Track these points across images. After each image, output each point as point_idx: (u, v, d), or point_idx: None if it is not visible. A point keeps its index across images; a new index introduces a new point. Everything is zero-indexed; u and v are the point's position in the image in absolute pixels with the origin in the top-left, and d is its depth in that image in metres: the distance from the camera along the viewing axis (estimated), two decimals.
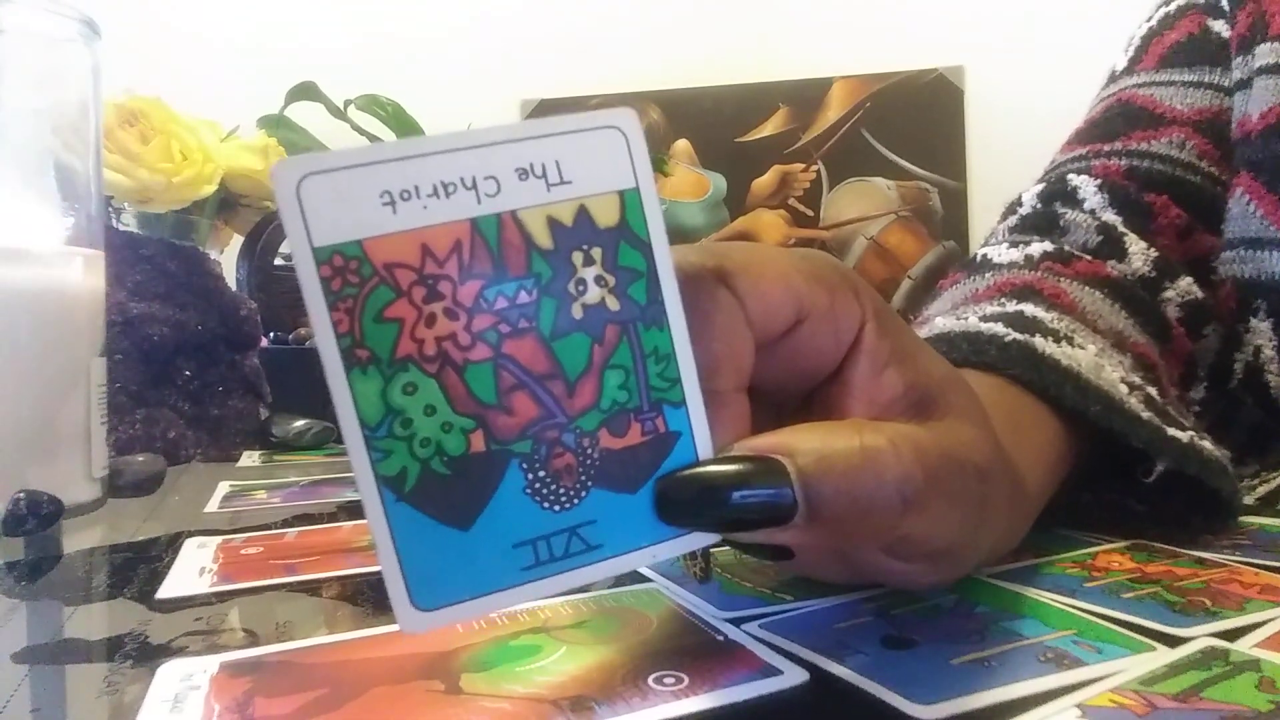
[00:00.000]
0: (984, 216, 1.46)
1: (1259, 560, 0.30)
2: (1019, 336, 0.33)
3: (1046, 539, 0.34)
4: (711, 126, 1.53)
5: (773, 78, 1.55)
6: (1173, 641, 0.23)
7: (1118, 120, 0.51)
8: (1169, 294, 0.46)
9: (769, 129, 1.52)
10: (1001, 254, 0.45)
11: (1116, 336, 0.41)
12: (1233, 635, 0.23)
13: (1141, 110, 0.51)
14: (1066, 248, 0.45)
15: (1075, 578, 0.29)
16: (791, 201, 1.50)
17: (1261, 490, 0.45)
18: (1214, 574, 0.29)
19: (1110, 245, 0.46)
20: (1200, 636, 0.23)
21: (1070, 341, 0.36)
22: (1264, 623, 0.24)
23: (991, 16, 1.50)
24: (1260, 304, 0.46)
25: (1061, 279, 0.44)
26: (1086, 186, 0.48)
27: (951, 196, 1.45)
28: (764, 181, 1.51)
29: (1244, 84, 0.48)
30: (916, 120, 1.47)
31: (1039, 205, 0.49)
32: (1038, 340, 0.34)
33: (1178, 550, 0.32)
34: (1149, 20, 0.55)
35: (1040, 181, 0.51)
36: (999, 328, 0.34)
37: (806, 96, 1.51)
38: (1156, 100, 0.51)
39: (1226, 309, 0.48)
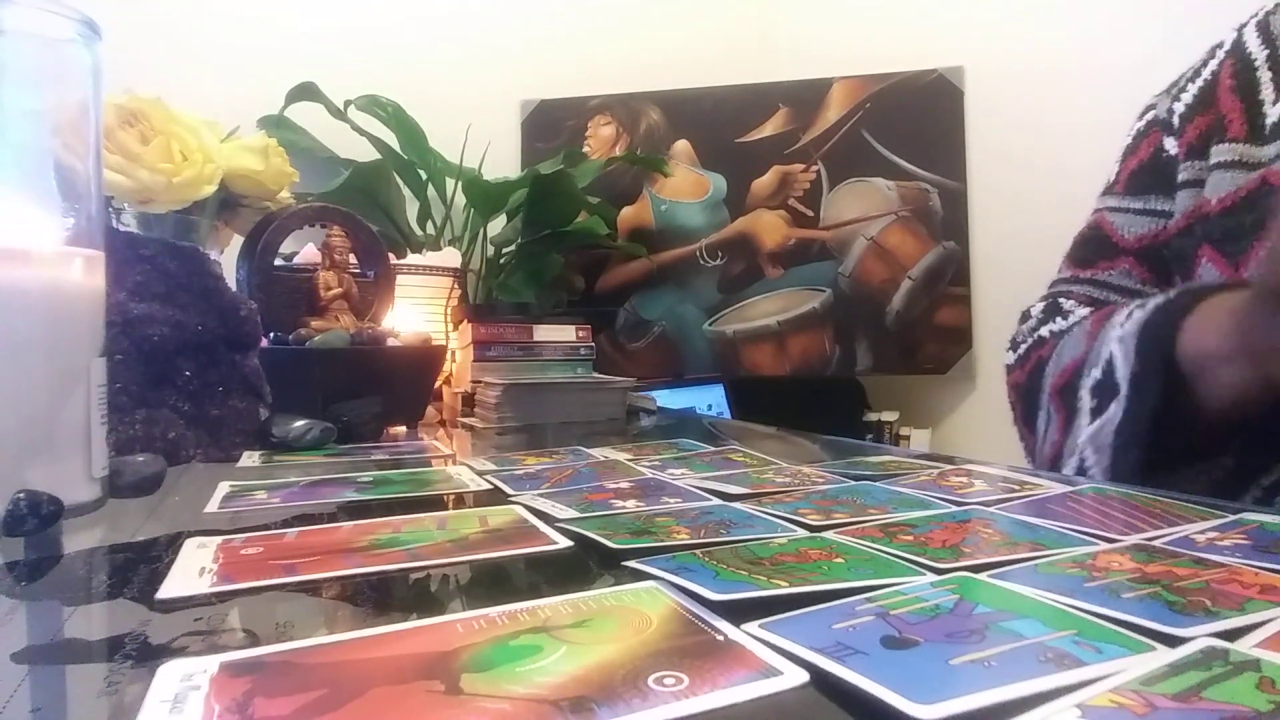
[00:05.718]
0: (984, 217, 1.45)
1: (1259, 560, 0.30)
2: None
3: (1047, 539, 0.34)
4: (711, 127, 1.53)
5: (773, 78, 1.55)
6: (1173, 641, 0.23)
7: (1092, 246, 0.70)
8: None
9: (769, 129, 1.52)
10: (1060, 324, 0.66)
11: None
12: (1233, 635, 0.23)
13: (1105, 239, 0.69)
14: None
15: (1075, 578, 0.29)
16: (791, 202, 1.50)
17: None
18: (1214, 574, 0.29)
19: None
20: (1200, 636, 0.23)
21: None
22: (1264, 623, 0.24)
23: (991, 16, 1.50)
24: None
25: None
26: (1076, 311, 0.66)
27: (951, 197, 1.45)
28: (764, 182, 1.50)
29: (1193, 183, 0.61)
30: (916, 120, 1.47)
31: (1043, 316, 0.69)
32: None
33: (1178, 550, 0.32)
34: (1128, 135, 0.71)
35: (1043, 300, 0.71)
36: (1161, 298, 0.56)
37: (806, 97, 1.51)
38: (1115, 227, 0.68)
39: None
